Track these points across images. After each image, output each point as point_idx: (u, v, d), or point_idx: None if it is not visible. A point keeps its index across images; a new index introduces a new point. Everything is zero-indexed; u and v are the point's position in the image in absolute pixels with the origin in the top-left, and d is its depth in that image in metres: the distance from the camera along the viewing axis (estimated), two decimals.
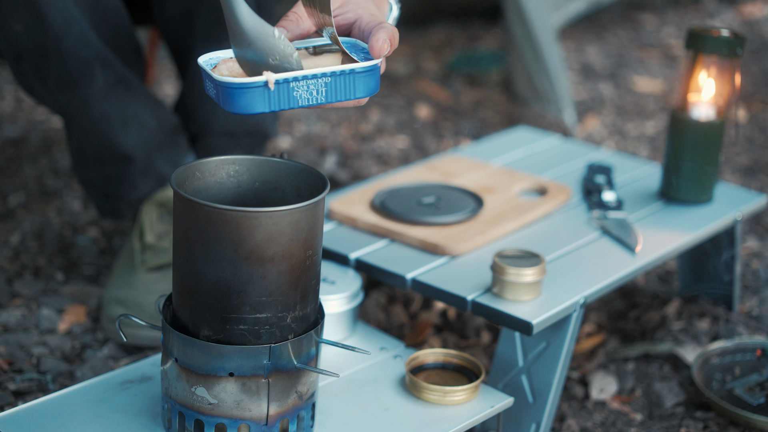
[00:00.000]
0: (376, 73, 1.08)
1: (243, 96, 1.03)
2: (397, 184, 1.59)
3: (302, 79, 1.04)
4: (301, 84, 1.04)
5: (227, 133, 1.72)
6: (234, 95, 1.03)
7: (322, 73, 1.05)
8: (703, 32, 1.56)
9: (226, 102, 1.04)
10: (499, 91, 2.76)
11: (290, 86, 1.04)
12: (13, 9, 1.41)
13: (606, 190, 1.61)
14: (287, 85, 1.03)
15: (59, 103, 1.53)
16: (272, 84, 1.03)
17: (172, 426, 1.10)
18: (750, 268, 1.88)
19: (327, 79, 1.05)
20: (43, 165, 2.16)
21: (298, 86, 1.04)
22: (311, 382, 1.10)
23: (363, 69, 1.07)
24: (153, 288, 1.55)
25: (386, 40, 1.09)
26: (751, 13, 3.53)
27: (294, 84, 1.04)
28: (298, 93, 1.05)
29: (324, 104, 1.07)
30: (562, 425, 1.44)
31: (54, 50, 1.44)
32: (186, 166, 1.09)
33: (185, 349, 1.05)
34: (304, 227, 1.03)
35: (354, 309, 1.35)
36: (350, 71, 1.06)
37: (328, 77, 1.05)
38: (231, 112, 1.04)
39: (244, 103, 1.03)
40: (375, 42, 1.08)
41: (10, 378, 1.46)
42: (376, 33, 1.09)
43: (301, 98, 1.05)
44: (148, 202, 1.62)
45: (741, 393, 1.48)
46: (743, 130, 2.56)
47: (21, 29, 1.42)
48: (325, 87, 1.06)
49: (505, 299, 1.31)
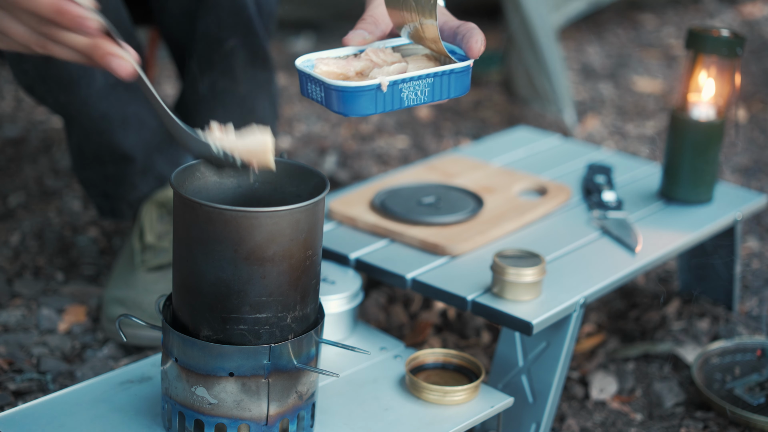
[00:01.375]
0: (469, 73, 1.13)
1: (357, 99, 1.07)
2: (397, 184, 1.59)
3: (409, 81, 1.09)
4: (408, 85, 1.09)
5: None
6: (348, 98, 1.07)
7: (426, 74, 1.09)
8: (703, 32, 1.56)
9: (338, 105, 1.08)
10: (499, 91, 2.76)
11: (399, 88, 1.09)
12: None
13: (606, 190, 1.61)
14: (396, 87, 1.08)
15: (59, 103, 1.53)
16: (385, 87, 1.08)
17: (172, 426, 1.10)
18: (750, 268, 1.88)
19: (430, 79, 1.10)
20: (43, 165, 2.16)
21: (406, 87, 1.10)
22: (311, 382, 1.10)
23: (461, 69, 1.12)
24: (153, 288, 1.55)
25: (482, 41, 1.14)
26: (751, 13, 3.53)
27: (402, 86, 1.09)
28: (405, 94, 1.10)
29: (426, 103, 1.12)
30: (562, 425, 1.44)
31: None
32: (186, 166, 1.09)
33: (185, 349, 1.05)
34: (304, 227, 1.04)
35: (354, 309, 1.35)
36: (450, 71, 1.11)
37: (432, 78, 1.10)
38: (343, 114, 1.08)
39: (357, 105, 1.08)
40: (473, 43, 1.14)
41: (10, 378, 1.46)
42: (471, 34, 1.15)
43: (408, 99, 1.10)
44: (148, 202, 1.62)
45: (741, 393, 1.48)
46: (743, 130, 2.56)
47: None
48: (429, 87, 1.11)
49: (505, 299, 1.31)
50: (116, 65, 1.00)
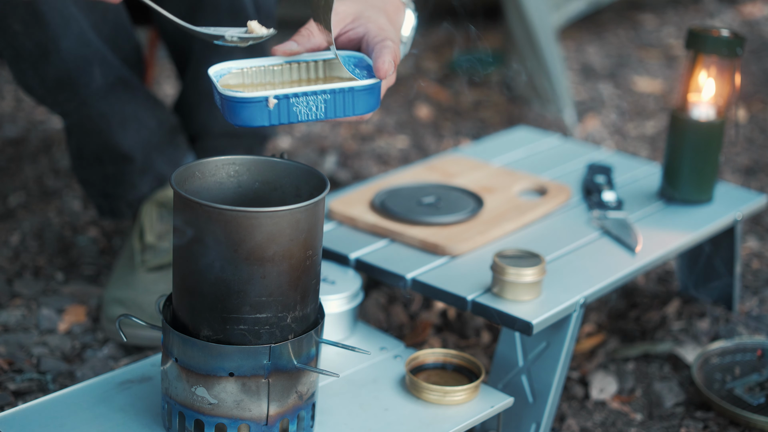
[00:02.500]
0: (376, 91, 1.11)
1: (244, 109, 1.07)
2: (397, 184, 1.59)
3: (302, 96, 1.07)
4: (300, 100, 1.08)
5: (227, 134, 1.72)
6: (236, 108, 1.07)
7: (321, 90, 1.08)
8: (703, 32, 1.56)
9: (229, 114, 1.08)
10: (499, 91, 2.76)
11: (290, 102, 1.07)
12: (12, 8, 1.41)
13: (606, 190, 1.61)
14: (287, 101, 1.07)
15: (58, 103, 1.53)
16: (272, 103, 1.07)
17: (172, 426, 1.10)
18: (750, 268, 1.88)
19: (326, 96, 1.08)
20: (43, 165, 2.16)
21: (298, 102, 1.08)
22: (311, 382, 1.10)
23: (363, 87, 1.10)
24: (153, 288, 1.55)
25: (390, 61, 1.12)
26: (751, 13, 3.53)
27: (294, 100, 1.07)
28: (298, 108, 1.08)
29: (324, 119, 1.09)
30: (562, 425, 1.44)
31: (53, 49, 1.44)
32: (186, 166, 1.09)
33: (185, 349, 1.05)
34: (304, 227, 1.03)
35: (354, 309, 1.35)
36: (350, 89, 1.09)
37: (328, 94, 1.08)
38: (233, 123, 1.08)
39: (245, 116, 1.07)
40: (381, 64, 1.12)
41: (10, 378, 1.46)
42: (380, 53, 1.13)
43: (301, 113, 1.09)
44: (148, 202, 1.62)
45: (741, 393, 1.48)
46: (743, 130, 2.56)
47: (20, 28, 1.42)
48: (324, 104, 1.09)
49: (505, 299, 1.31)
50: None
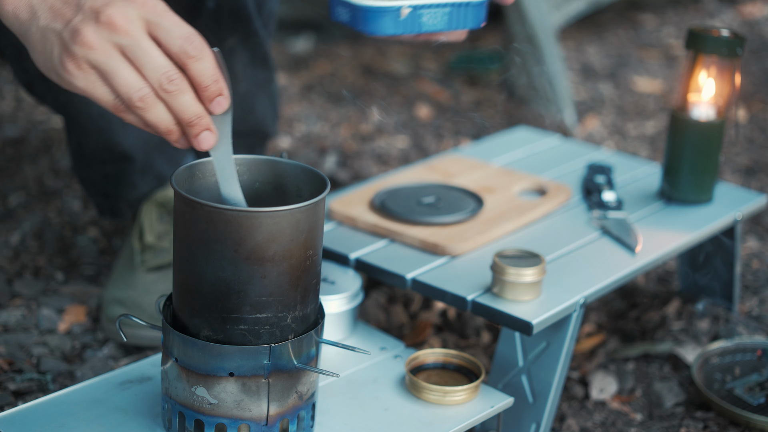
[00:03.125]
0: (485, 7, 1.24)
1: (379, 18, 1.19)
2: (397, 184, 1.59)
3: (429, 7, 1.21)
4: (428, 11, 1.21)
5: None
6: (370, 17, 1.19)
7: (444, 3, 1.21)
8: (703, 32, 1.56)
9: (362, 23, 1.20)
10: (499, 91, 2.76)
11: (418, 12, 1.21)
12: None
13: (606, 190, 1.61)
14: (417, 12, 1.20)
15: (59, 102, 1.53)
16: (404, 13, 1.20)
17: (172, 426, 1.10)
18: (750, 268, 1.88)
19: (447, 9, 1.22)
20: (43, 165, 2.16)
21: (426, 12, 1.22)
22: (311, 382, 1.10)
23: (477, 2, 1.23)
24: (153, 288, 1.55)
25: None
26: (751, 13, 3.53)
27: (422, 11, 1.21)
28: (425, 18, 1.22)
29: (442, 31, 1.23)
30: (562, 425, 1.44)
31: None
32: (186, 166, 1.09)
33: (185, 349, 1.05)
34: (305, 227, 1.03)
35: (354, 309, 1.35)
36: (467, 3, 1.23)
37: (448, 7, 1.22)
38: (366, 32, 1.20)
39: (379, 25, 1.19)
40: None
41: (10, 378, 1.46)
42: None
43: (425, 24, 1.21)
44: (148, 202, 1.62)
45: (741, 393, 1.48)
46: (743, 130, 2.56)
47: None
48: (447, 16, 1.23)
49: (505, 299, 1.31)
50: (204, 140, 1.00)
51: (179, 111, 0.98)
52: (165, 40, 0.96)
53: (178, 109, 0.97)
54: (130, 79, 0.96)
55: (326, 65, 2.87)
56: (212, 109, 0.99)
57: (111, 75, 0.96)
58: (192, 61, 0.97)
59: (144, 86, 0.96)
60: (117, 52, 0.95)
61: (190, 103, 0.98)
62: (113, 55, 0.95)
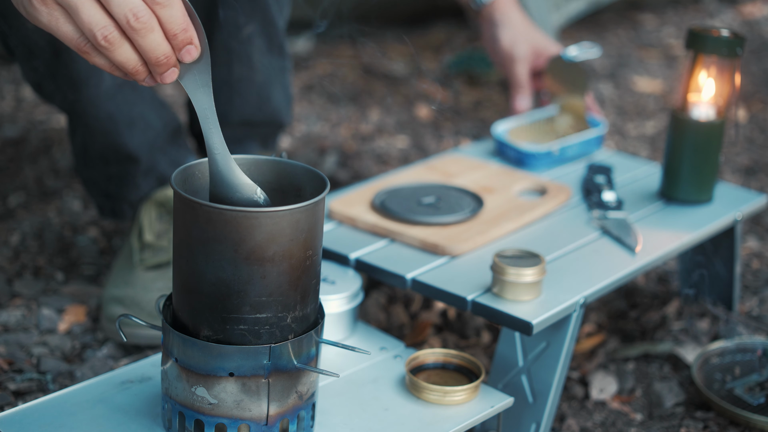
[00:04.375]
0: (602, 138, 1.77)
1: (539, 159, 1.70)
2: (397, 184, 1.59)
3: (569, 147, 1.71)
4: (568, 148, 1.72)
5: (244, 123, 1.73)
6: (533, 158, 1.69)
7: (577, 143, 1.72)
8: (703, 32, 1.56)
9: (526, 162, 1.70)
10: (499, 91, 2.75)
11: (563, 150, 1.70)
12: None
13: (606, 190, 1.61)
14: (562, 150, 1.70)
15: (67, 101, 1.53)
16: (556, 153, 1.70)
17: (172, 426, 1.10)
18: (750, 268, 1.88)
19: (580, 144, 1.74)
20: (43, 165, 2.16)
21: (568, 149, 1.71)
22: (311, 382, 1.10)
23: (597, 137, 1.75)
24: (151, 286, 1.55)
25: None
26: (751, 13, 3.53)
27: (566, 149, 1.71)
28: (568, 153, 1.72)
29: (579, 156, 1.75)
30: (562, 425, 1.44)
31: (64, 48, 1.45)
32: (186, 166, 1.09)
33: (185, 349, 1.05)
34: (305, 227, 1.03)
35: (354, 309, 1.35)
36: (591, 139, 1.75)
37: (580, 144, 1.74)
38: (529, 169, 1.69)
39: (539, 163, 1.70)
40: None
41: (10, 378, 1.46)
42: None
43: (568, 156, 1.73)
44: (148, 202, 1.62)
45: (741, 393, 1.48)
46: (743, 130, 2.56)
47: (32, 27, 1.42)
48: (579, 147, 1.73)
49: (505, 299, 1.31)
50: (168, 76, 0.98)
51: (146, 50, 0.95)
52: None
53: (145, 48, 0.95)
54: (95, 15, 0.93)
55: (326, 65, 2.87)
56: (182, 56, 0.97)
57: (75, 10, 0.93)
58: (159, 7, 0.94)
59: (109, 23, 0.93)
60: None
61: (159, 42, 0.95)
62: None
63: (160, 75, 0.97)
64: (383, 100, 2.67)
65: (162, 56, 0.96)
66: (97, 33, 0.93)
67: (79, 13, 0.93)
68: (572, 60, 1.79)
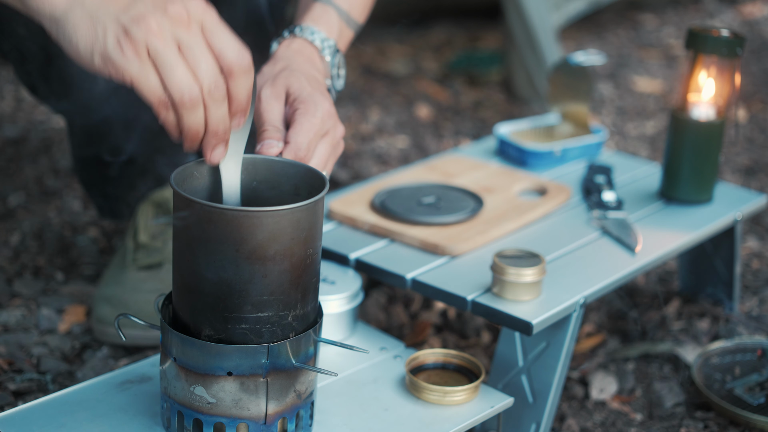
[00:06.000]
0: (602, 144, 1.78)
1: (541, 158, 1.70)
2: (397, 184, 1.59)
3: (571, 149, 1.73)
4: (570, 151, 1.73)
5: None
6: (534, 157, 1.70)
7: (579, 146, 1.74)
8: (703, 32, 1.56)
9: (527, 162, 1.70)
10: (499, 91, 2.76)
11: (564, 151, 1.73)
12: (17, 13, 1.41)
13: (606, 190, 1.61)
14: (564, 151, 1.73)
15: (62, 105, 1.53)
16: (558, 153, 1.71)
17: (171, 425, 1.10)
18: (750, 268, 1.88)
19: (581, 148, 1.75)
20: (43, 165, 2.16)
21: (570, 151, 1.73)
22: (310, 381, 1.10)
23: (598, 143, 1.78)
24: (141, 287, 1.55)
25: None
26: (751, 13, 3.53)
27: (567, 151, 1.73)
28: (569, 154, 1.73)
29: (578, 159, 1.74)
30: (562, 425, 1.44)
31: (57, 54, 1.44)
32: (185, 166, 1.09)
33: (184, 349, 1.05)
34: (305, 226, 1.04)
35: (354, 309, 1.35)
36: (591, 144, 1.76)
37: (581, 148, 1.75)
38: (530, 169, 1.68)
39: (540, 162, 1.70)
40: None
41: (10, 378, 1.46)
42: None
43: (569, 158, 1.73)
44: (145, 202, 1.62)
45: (741, 393, 1.48)
46: (743, 130, 2.56)
47: (24, 32, 1.42)
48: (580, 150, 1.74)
49: (505, 299, 1.31)
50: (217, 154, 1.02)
51: (214, 120, 0.98)
52: (219, 49, 0.97)
53: (213, 118, 0.98)
54: (185, 76, 0.96)
55: None
56: (233, 123, 1.01)
57: (168, 67, 0.95)
58: (236, 76, 0.98)
59: (195, 87, 0.96)
60: (176, 46, 0.95)
61: (225, 115, 0.99)
62: (173, 48, 0.95)
63: (211, 149, 1.02)
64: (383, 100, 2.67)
65: (222, 130, 1.01)
66: (185, 93, 0.96)
67: (174, 71, 0.96)
68: (578, 65, 1.78)
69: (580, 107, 1.78)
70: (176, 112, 0.98)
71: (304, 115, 1.16)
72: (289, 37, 1.30)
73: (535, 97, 2.61)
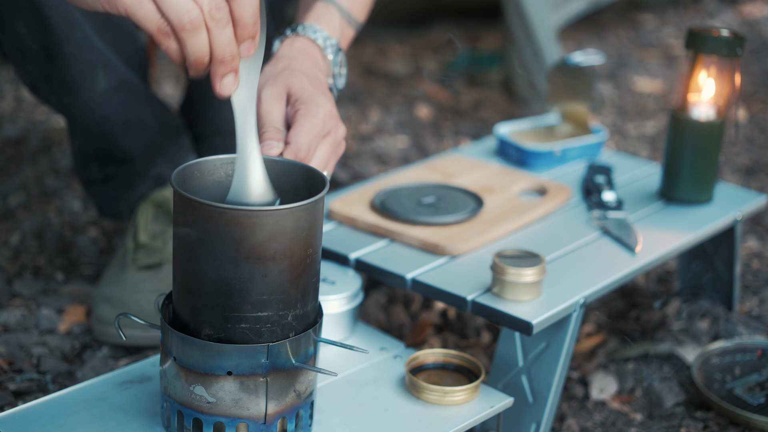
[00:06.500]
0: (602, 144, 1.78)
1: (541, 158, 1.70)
2: (397, 184, 1.59)
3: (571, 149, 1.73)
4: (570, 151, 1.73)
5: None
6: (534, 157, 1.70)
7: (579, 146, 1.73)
8: (703, 32, 1.56)
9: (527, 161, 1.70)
10: (499, 91, 2.76)
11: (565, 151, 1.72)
12: (18, 12, 1.41)
13: (606, 190, 1.61)
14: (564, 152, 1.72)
15: (62, 104, 1.53)
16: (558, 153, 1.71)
17: (171, 425, 1.10)
18: (750, 268, 1.88)
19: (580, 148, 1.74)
20: (43, 165, 2.16)
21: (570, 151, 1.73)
22: (309, 381, 1.10)
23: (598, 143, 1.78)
24: (140, 287, 1.55)
25: None
26: (751, 13, 3.53)
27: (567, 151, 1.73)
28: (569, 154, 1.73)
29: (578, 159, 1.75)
30: (562, 425, 1.44)
31: (57, 53, 1.44)
32: (185, 165, 1.09)
33: (183, 348, 1.05)
34: (305, 225, 1.04)
35: (354, 309, 1.35)
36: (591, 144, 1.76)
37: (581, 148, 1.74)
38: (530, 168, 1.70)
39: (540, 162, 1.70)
40: None
41: (10, 378, 1.46)
42: None
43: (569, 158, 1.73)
44: (145, 202, 1.62)
45: (741, 393, 1.48)
46: (743, 130, 2.56)
47: (25, 32, 1.42)
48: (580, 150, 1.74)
49: (505, 299, 1.31)
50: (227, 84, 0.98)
51: (219, 44, 0.95)
52: None
53: (218, 42, 0.95)
54: None
55: None
56: (242, 50, 0.97)
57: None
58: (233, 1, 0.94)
59: (195, 8, 0.93)
60: None
61: (230, 39, 0.95)
62: None
63: (220, 78, 0.98)
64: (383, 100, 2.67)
65: (229, 55, 0.97)
66: (183, 16, 0.93)
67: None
68: (577, 65, 1.78)
69: (579, 107, 1.77)
70: (177, 38, 0.95)
71: (305, 115, 1.15)
72: (291, 36, 1.29)
73: (535, 97, 2.61)
